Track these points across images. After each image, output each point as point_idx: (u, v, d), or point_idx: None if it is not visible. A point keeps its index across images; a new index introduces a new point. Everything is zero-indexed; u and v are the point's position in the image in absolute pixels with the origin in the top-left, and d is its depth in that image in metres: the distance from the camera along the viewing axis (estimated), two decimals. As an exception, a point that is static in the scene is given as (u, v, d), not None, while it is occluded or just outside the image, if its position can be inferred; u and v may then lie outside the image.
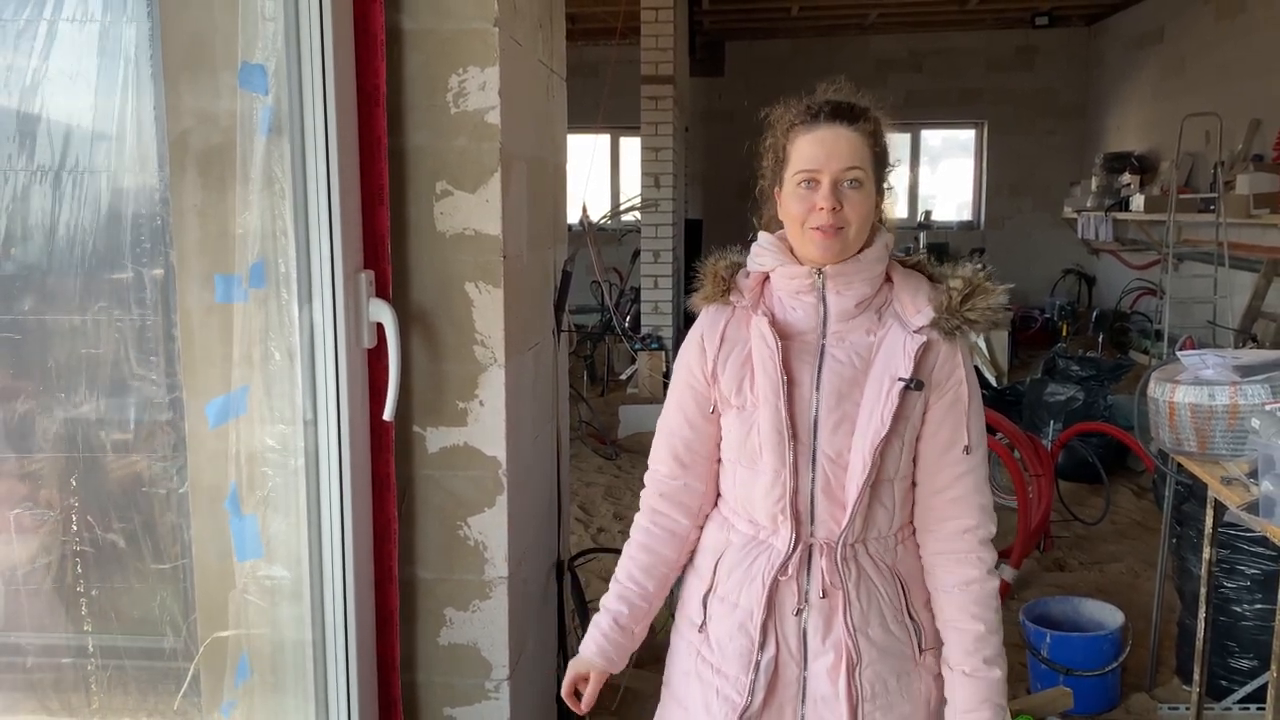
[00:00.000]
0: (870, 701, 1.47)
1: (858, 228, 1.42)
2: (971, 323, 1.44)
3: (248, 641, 1.86)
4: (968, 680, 1.48)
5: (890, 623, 1.49)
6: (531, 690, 2.22)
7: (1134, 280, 9.10)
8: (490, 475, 1.92)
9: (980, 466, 1.50)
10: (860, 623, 1.46)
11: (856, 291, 1.45)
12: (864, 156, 1.42)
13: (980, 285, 1.45)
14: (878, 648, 1.48)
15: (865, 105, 1.45)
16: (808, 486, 1.45)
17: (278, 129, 1.70)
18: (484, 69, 1.81)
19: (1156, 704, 3.03)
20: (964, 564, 1.49)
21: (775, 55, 10.78)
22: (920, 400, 1.45)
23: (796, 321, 1.48)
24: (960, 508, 1.49)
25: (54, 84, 1.75)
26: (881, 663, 1.48)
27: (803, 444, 1.45)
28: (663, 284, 8.09)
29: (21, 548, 1.95)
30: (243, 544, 1.80)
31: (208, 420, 1.81)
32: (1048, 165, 10.78)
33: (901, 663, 1.50)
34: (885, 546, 1.50)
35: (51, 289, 1.91)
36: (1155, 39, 9.03)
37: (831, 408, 1.44)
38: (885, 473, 1.46)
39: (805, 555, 1.47)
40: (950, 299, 1.44)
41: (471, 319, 1.88)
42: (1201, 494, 2.75)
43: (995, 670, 1.48)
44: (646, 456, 1.64)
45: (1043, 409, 5.43)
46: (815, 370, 1.45)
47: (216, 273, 1.81)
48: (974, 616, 1.47)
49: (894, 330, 1.45)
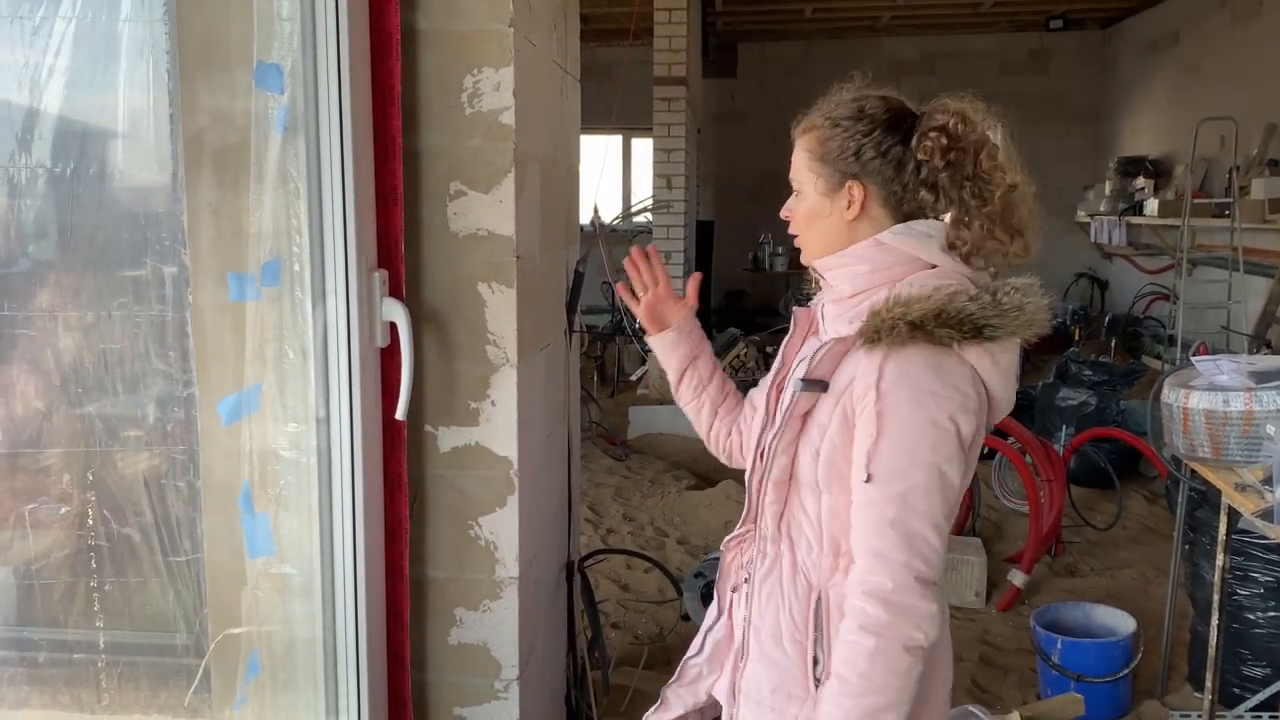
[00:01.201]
0: (744, 695, 1.46)
1: (802, 235, 1.45)
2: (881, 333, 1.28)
3: (259, 638, 1.87)
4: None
5: (784, 637, 1.39)
6: (541, 691, 2.22)
7: (1147, 285, 9.06)
8: (501, 475, 1.92)
9: (886, 505, 1.26)
10: (756, 619, 1.44)
11: (835, 290, 1.42)
12: (798, 163, 1.44)
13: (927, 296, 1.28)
14: (762, 651, 1.43)
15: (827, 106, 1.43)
16: (761, 473, 1.46)
17: (293, 128, 1.71)
18: (498, 69, 1.82)
19: (1168, 711, 3.02)
20: (848, 611, 1.30)
21: (788, 57, 10.77)
22: (836, 410, 1.32)
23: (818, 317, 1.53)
24: (857, 546, 1.30)
25: (70, 82, 1.76)
26: (760, 666, 1.43)
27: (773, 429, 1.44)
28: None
29: (35, 543, 1.96)
30: (254, 541, 1.80)
31: (220, 418, 1.82)
32: (1061, 169, 10.72)
33: (783, 680, 1.39)
34: (814, 562, 1.38)
35: (67, 286, 1.92)
36: (1171, 42, 8.99)
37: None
38: (803, 477, 1.37)
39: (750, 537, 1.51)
40: (885, 304, 1.30)
41: (484, 319, 1.88)
42: (1215, 500, 2.74)
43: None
44: (656, 457, 1.69)
45: (1055, 414, 5.41)
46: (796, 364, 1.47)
47: (231, 271, 1.82)
48: (834, 671, 1.30)
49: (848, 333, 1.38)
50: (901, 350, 1.27)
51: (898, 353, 1.27)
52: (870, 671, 1.26)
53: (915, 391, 1.27)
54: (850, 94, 1.43)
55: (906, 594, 1.26)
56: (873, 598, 1.27)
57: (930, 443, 1.27)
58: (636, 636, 3.56)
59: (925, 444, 1.27)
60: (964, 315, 1.28)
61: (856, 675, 1.27)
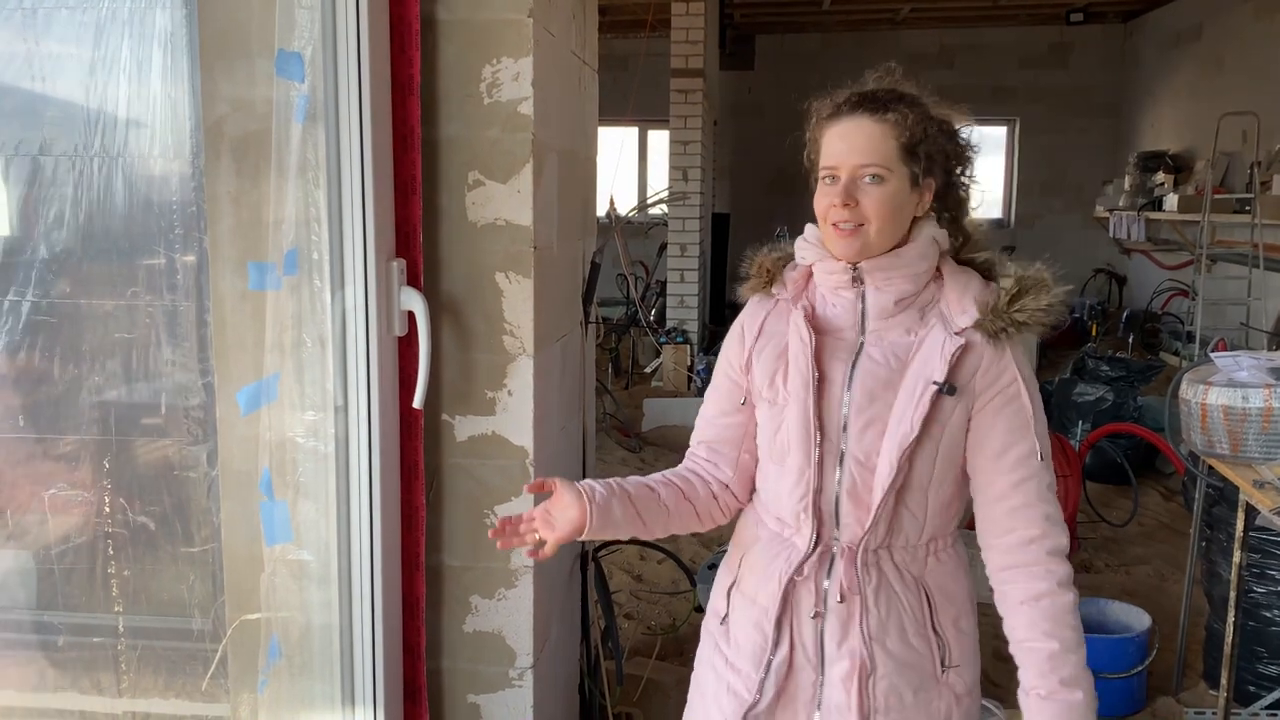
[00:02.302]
0: (883, 714, 1.41)
1: (879, 226, 1.36)
2: (1020, 325, 1.36)
3: (277, 624, 1.88)
4: (1043, 704, 1.37)
5: (911, 635, 1.42)
6: (555, 679, 2.23)
7: (1166, 281, 8.99)
8: (518, 464, 1.93)
9: (1043, 474, 1.40)
10: (877, 631, 1.41)
11: (896, 289, 1.40)
12: (886, 149, 1.36)
13: (1033, 284, 1.37)
14: (895, 659, 1.41)
15: (899, 93, 1.40)
16: (833, 487, 1.41)
17: (313, 117, 1.71)
18: (517, 60, 1.82)
19: (1183, 708, 3.00)
20: (1030, 577, 1.39)
21: (805, 50, 10.73)
22: (959, 406, 1.38)
23: (835, 317, 1.44)
24: (1021, 518, 1.40)
25: (91, 70, 1.77)
26: (898, 675, 1.42)
27: (830, 443, 1.41)
28: (689, 278, 8.08)
29: (55, 528, 1.98)
30: (272, 529, 1.81)
31: (239, 407, 1.83)
32: (1080, 164, 10.67)
33: (921, 677, 1.43)
34: (913, 556, 1.43)
35: (87, 274, 1.94)
36: (1193, 37, 8.91)
37: (862, 408, 1.39)
38: (915, 479, 1.39)
39: (827, 558, 1.43)
40: (999, 299, 1.37)
41: (501, 309, 1.89)
42: (1233, 497, 2.72)
43: (1076, 692, 1.36)
44: (670, 450, 1.66)
45: (1071, 409, 5.39)
46: (849, 368, 1.41)
47: (250, 259, 1.83)
48: (1045, 634, 1.37)
49: (935, 331, 1.39)
50: (1015, 340, 1.40)
51: (1015, 342, 1.40)
52: (1077, 622, 1.40)
53: (1031, 376, 1.43)
54: (908, 87, 1.42)
55: (1066, 550, 1.43)
56: (1058, 556, 1.40)
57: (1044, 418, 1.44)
58: (650, 627, 3.56)
59: (1045, 420, 1.44)
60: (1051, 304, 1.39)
61: (1070, 630, 1.39)
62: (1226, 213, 7.03)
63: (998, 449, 1.40)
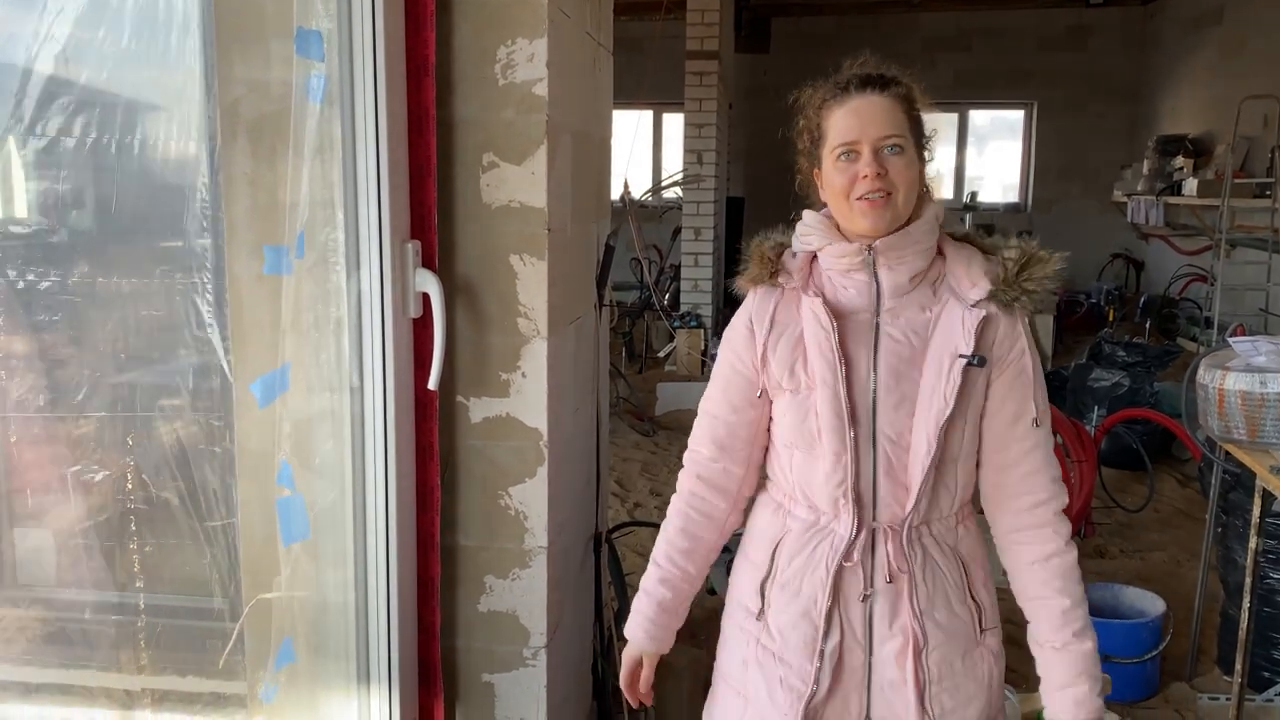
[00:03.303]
0: (937, 684, 1.46)
1: (905, 193, 1.40)
2: (1029, 293, 1.42)
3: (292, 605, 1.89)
4: (1059, 655, 1.47)
5: (955, 604, 1.47)
6: (568, 659, 2.25)
7: (1184, 266, 8.92)
8: (531, 446, 1.94)
9: (1048, 439, 1.48)
10: (926, 606, 1.45)
11: (910, 265, 1.42)
12: (901, 122, 1.41)
13: (1035, 255, 1.43)
14: (944, 630, 1.46)
15: (894, 74, 1.44)
16: (869, 469, 1.42)
17: (329, 99, 1.71)
18: (532, 40, 1.82)
19: (1196, 694, 3.00)
20: (1042, 538, 1.47)
21: (821, 32, 10.66)
22: (983, 376, 1.43)
23: (849, 300, 1.45)
24: (1032, 482, 1.47)
25: (106, 53, 1.77)
26: (948, 645, 1.47)
27: (862, 426, 1.42)
28: (703, 261, 8.07)
29: (75, 507, 2.00)
30: (289, 526, 1.80)
31: (255, 399, 1.82)
32: (1098, 148, 10.58)
33: (966, 644, 1.49)
34: (947, 527, 1.48)
35: (107, 256, 1.95)
36: (1214, 19, 8.80)
37: (890, 388, 1.41)
38: (950, 452, 1.43)
39: (869, 540, 1.44)
40: (1006, 270, 1.42)
41: (515, 291, 1.89)
42: (1249, 483, 2.71)
43: (1086, 642, 1.46)
44: (684, 434, 1.64)
45: (1087, 394, 5.36)
46: (871, 350, 1.42)
47: (266, 241, 1.84)
48: (1058, 590, 1.46)
49: (951, 305, 1.42)
50: (1023, 311, 1.45)
51: (1023, 313, 1.45)
52: (1081, 576, 1.49)
53: (1033, 344, 1.48)
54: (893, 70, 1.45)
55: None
56: (1062, 518, 1.48)
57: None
58: (662, 610, 3.57)
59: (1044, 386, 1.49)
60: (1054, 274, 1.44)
61: (1077, 584, 1.47)
62: (1246, 197, 6.96)
63: (1011, 416, 1.45)
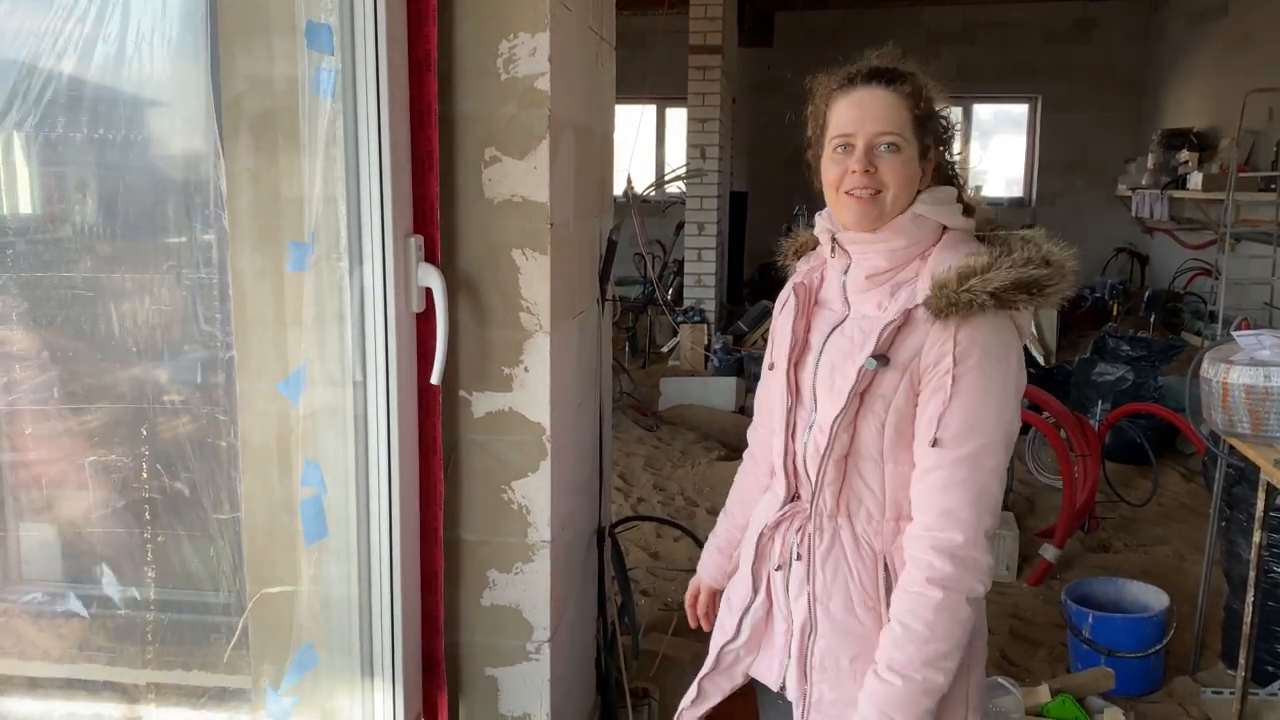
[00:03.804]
0: (819, 671, 1.46)
1: (895, 193, 1.39)
2: (958, 305, 1.31)
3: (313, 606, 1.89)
4: (870, 677, 1.39)
5: (856, 604, 1.43)
6: (571, 653, 2.25)
7: (1188, 260, 8.90)
8: (534, 440, 1.94)
9: (957, 466, 1.33)
10: (822, 594, 1.45)
11: (870, 263, 1.43)
12: (901, 119, 1.39)
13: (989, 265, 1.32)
14: (834, 623, 1.44)
15: (907, 69, 1.43)
16: (801, 449, 1.48)
17: (338, 91, 1.71)
18: (534, 35, 1.81)
19: (1200, 688, 3.00)
20: (912, 564, 1.37)
21: (825, 26, 10.63)
22: (902, 381, 1.37)
23: (828, 289, 1.52)
24: (920, 504, 1.37)
25: (110, 48, 1.78)
26: (835, 638, 1.44)
27: (804, 407, 1.48)
28: (706, 256, 8.07)
29: (80, 501, 2.01)
30: (310, 527, 1.82)
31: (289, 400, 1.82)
32: (1102, 142, 10.55)
33: (862, 647, 1.43)
34: (876, 530, 1.43)
35: (110, 251, 1.96)
36: (1219, 12, 8.77)
37: (824, 377, 1.45)
38: (865, 450, 1.41)
39: (796, 516, 1.51)
40: (949, 277, 1.33)
41: (518, 285, 1.89)
42: (1253, 477, 2.71)
43: (897, 680, 1.35)
44: (687, 429, 1.71)
45: (1091, 388, 5.36)
46: (824, 339, 1.47)
47: (268, 237, 1.84)
48: (898, 618, 1.36)
49: (894, 306, 1.40)
50: (970, 318, 1.32)
51: (968, 321, 1.32)
52: (935, 621, 1.34)
53: (986, 357, 1.33)
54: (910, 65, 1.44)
55: (973, 549, 1.34)
56: (941, 552, 1.34)
57: (999, 403, 1.35)
58: (666, 603, 3.58)
59: (995, 405, 1.34)
60: (1035, 280, 1.32)
61: (922, 624, 1.34)
62: (1252, 191, 6.94)
63: (922, 431, 1.37)
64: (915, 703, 1.35)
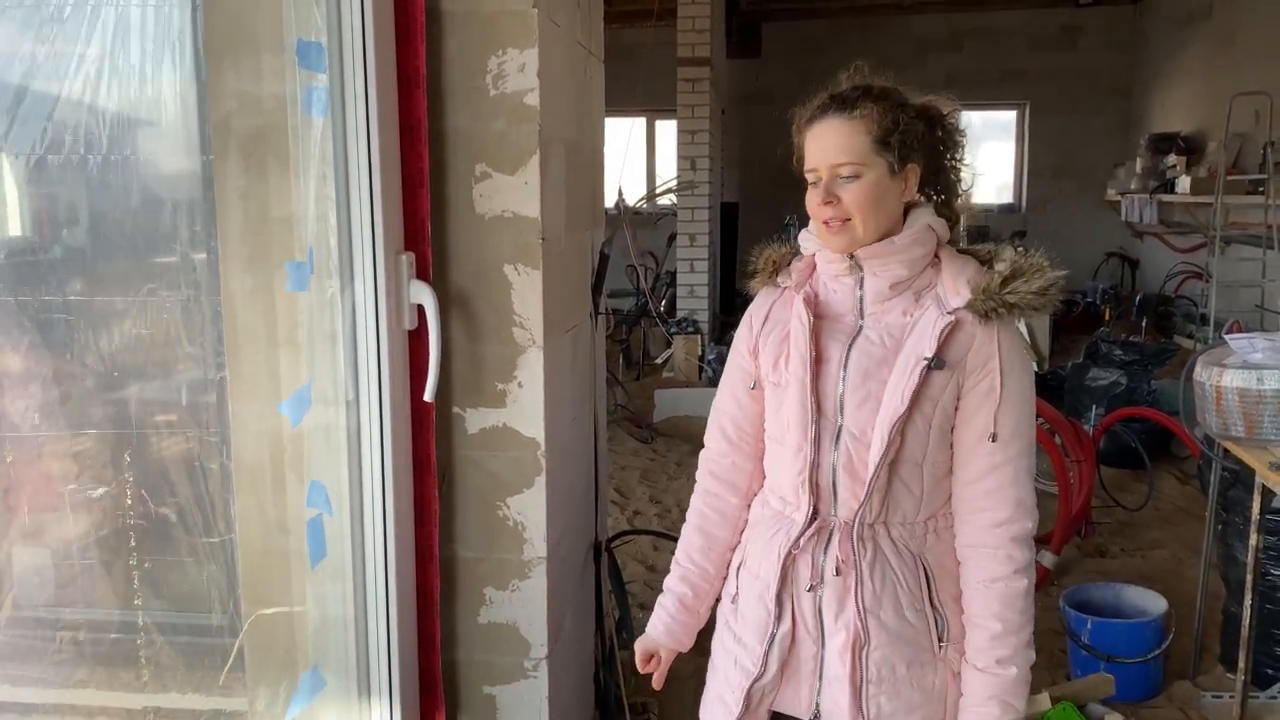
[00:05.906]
0: (875, 684, 1.47)
1: (862, 218, 1.43)
2: (1010, 306, 1.42)
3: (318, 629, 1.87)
4: (979, 675, 1.46)
5: (906, 609, 1.47)
6: (570, 669, 2.24)
7: (1179, 264, 8.94)
8: (529, 456, 1.93)
9: (1019, 459, 1.46)
10: (872, 604, 1.46)
11: (892, 274, 1.47)
12: (857, 145, 1.42)
13: (1026, 268, 1.43)
14: (889, 632, 1.46)
15: (868, 88, 1.45)
16: (829, 462, 1.47)
17: (329, 110, 1.71)
18: (523, 50, 1.82)
19: (1200, 692, 2.99)
20: (992, 560, 1.46)
21: (812, 36, 10.67)
22: (950, 383, 1.44)
23: (836, 303, 1.52)
24: (993, 500, 1.46)
25: (99, 68, 1.77)
26: (891, 647, 1.47)
27: (827, 419, 1.47)
28: (699, 267, 8.07)
29: (73, 525, 1.99)
30: (314, 548, 1.80)
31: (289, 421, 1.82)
32: (1091, 147, 10.60)
33: (915, 651, 1.48)
34: (911, 533, 1.48)
35: (100, 272, 1.95)
36: (1203, 15, 8.83)
37: (856, 385, 1.45)
38: (909, 454, 1.45)
39: (825, 532, 1.49)
40: (991, 281, 1.43)
41: (510, 301, 1.89)
42: (1248, 480, 2.71)
43: (1011, 669, 1.46)
44: (682, 440, 1.69)
45: (1085, 394, 5.36)
46: (845, 349, 1.48)
47: (258, 256, 1.83)
48: (994, 615, 1.45)
49: (930, 311, 1.46)
50: (1006, 323, 1.44)
51: (1005, 325, 1.44)
52: (1026, 606, 1.47)
53: (1020, 359, 1.46)
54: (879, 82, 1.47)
55: (1034, 534, 1.49)
56: (1020, 542, 1.46)
57: (1032, 399, 1.49)
58: (664, 617, 3.56)
59: (1031, 402, 1.48)
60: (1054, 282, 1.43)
61: (1017, 613, 1.46)
62: (1240, 194, 6.98)
63: (978, 431, 1.45)
64: (1025, 682, 1.48)
